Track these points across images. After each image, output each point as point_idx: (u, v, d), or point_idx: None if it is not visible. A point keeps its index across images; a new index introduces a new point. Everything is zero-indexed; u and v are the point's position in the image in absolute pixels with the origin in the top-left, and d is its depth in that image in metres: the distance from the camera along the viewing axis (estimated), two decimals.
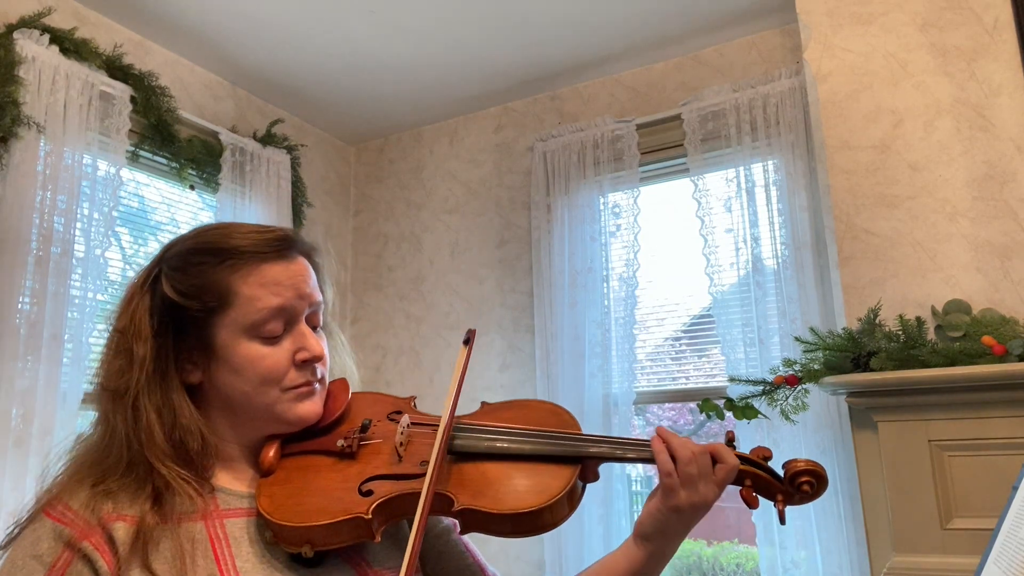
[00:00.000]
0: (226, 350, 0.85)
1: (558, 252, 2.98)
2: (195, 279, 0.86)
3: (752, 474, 0.90)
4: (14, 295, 2.11)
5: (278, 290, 0.86)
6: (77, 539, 0.79)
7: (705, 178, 2.76)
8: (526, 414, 0.97)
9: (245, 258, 0.86)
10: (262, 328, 0.85)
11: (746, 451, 0.92)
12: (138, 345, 0.84)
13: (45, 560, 0.79)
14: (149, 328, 0.85)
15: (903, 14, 2.17)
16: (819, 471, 0.89)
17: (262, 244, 0.87)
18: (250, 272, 0.86)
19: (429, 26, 2.75)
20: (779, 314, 2.51)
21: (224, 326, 0.85)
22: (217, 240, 0.88)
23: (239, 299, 0.85)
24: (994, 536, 1.04)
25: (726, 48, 2.90)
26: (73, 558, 0.78)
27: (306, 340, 0.88)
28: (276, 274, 0.87)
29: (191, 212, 2.91)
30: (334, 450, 0.89)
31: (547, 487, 0.86)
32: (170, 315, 0.86)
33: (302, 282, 0.89)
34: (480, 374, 3.20)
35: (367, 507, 0.83)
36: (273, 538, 0.83)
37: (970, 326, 1.85)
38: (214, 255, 0.86)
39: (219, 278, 0.85)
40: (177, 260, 0.88)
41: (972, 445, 1.75)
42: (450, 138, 3.53)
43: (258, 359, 0.85)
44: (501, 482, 0.87)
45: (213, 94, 3.03)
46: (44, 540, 0.80)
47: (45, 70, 2.24)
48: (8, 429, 2.03)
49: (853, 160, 2.17)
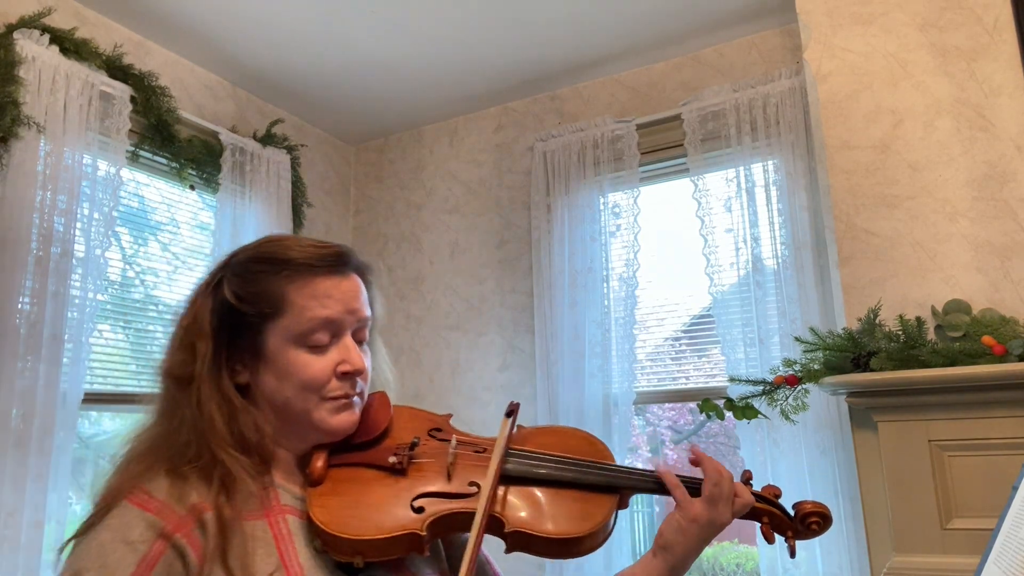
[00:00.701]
0: (274, 355, 0.91)
1: (558, 252, 2.98)
2: (253, 286, 0.92)
3: (769, 512, 1.01)
4: (14, 295, 2.11)
5: (328, 303, 0.91)
6: (170, 531, 0.81)
7: (705, 178, 2.76)
8: (564, 441, 1.03)
9: (300, 270, 0.91)
10: (309, 337, 0.90)
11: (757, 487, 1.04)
12: (200, 341, 0.90)
13: (138, 548, 0.80)
14: (209, 327, 0.91)
15: (903, 14, 2.17)
16: (826, 512, 1.01)
17: (317, 258, 0.92)
18: (304, 284, 0.91)
19: (429, 26, 2.75)
20: (779, 314, 2.51)
21: (275, 332, 0.90)
22: (276, 251, 0.94)
23: (291, 308, 0.90)
24: (994, 536, 1.04)
25: (726, 48, 2.90)
26: (166, 550, 0.80)
27: (349, 353, 0.92)
28: (327, 288, 0.92)
29: (191, 212, 2.91)
30: (384, 465, 0.93)
31: (591, 514, 0.93)
32: (228, 317, 0.92)
33: (352, 298, 0.93)
34: (480, 374, 3.20)
35: (422, 524, 0.87)
36: (323, 547, 0.86)
37: (970, 326, 1.85)
38: (272, 265, 0.92)
39: (275, 287, 0.91)
40: (239, 267, 0.94)
41: (972, 445, 1.75)
42: (450, 138, 3.53)
43: (303, 366, 0.90)
44: (548, 507, 0.93)
45: (213, 94, 3.03)
46: (135, 527, 0.81)
47: (45, 70, 2.24)
48: (8, 429, 2.03)
49: (853, 160, 2.17)
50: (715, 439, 3.61)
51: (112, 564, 0.78)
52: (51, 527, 2.09)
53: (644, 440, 3.42)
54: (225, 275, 0.94)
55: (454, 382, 3.26)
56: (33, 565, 2.03)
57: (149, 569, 0.79)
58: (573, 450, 1.00)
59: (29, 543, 2.02)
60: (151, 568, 0.79)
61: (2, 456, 2.01)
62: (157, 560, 0.79)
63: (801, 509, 1.02)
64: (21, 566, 2.00)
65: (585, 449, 1.02)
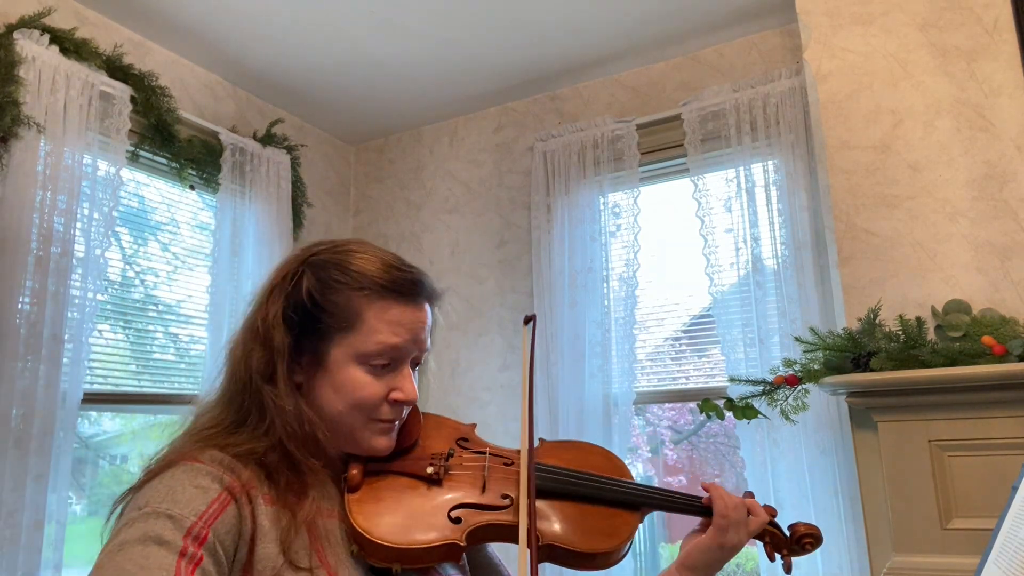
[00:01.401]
0: (335, 367, 0.92)
1: (558, 252, 2.98)
2: (333, 296, 0.92)
3: (770, 532, 1.10)
4: (14, 295, 2.11)
5: (399, 330, 0.92)
6: (236, 490, 0.83)
7: (705, 178, 2.76)
8: (586, 457, 1.09)
9: (380, 292, 0.93)
10: (372, 359, 0.92)
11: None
12: (278, 335, 0.91)
13: (209, 492, 0.81)
14: (285, 323, 0.92)
15: (903, 14, 2.17)
16: (818, 533, 1.10)
17: (403, 285, 0.94)
18: (384, 307, 0.92)
19: (429, 26, 2.75)
20: (779, 314, 2.51)
21: (341, 346, 0.92)
22: (361, 266, 0.94)
23: (363, 327, 0.91)
24: (994, 536, 1.04)
25: (726, 48, 2.90)
26: (231, 503, 0.82)
27: (405, 382, 0.94)
28: (400, 315, 0.93)
29: (191, 212, 2.91)
30: (422, 475, 0.95)
31: (618, 530, 0.99)
32: (301, 316, 0.92)
33: (420, 328, 0.95)
34: (480, 374, 3.20)
35: (461, 534, 0.90)
36: (360, 552, 0.88)
37: (970, 326, 1.85)
38: (354, 278, 0.93)
39: (353, 303, 0.92)
40: (321, 270, 0.94)
41: (972, 445, 1.75)
42: (450, 138, 3.53)
43: (359, 385, 0.91)
44: (579, 522, 0.98)
45: (213, 94, 3.03)
46: (203, 476, 0.83)
47: (45, 70, 2.24)
48: (8, 429, 2.03)
49: (853, 160, 2.17)
50: (715, 439, 3.61)
51: (183, 500, 0.79)
52: (51, 527, 2.09)
53: (644, 440, 3.42)
54: (305, 272, 0.94)
55: (454, 382, 3.26)
56: (33, 565, 2.03)
57: (219, 512, 0.80)
58: (596, 466, 1.06)
59: (29, 543, 2.02)
60: (221, 512, 0.80)
61: (2, 456, 2.01)
62: (225, 508, 0.81)
63: (796, 531, 1.10)
64: (21, 566, 2.00)
65: (606, 466, 1.07)
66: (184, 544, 0.76)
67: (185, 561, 0.75)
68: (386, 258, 0.96)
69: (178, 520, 0.77)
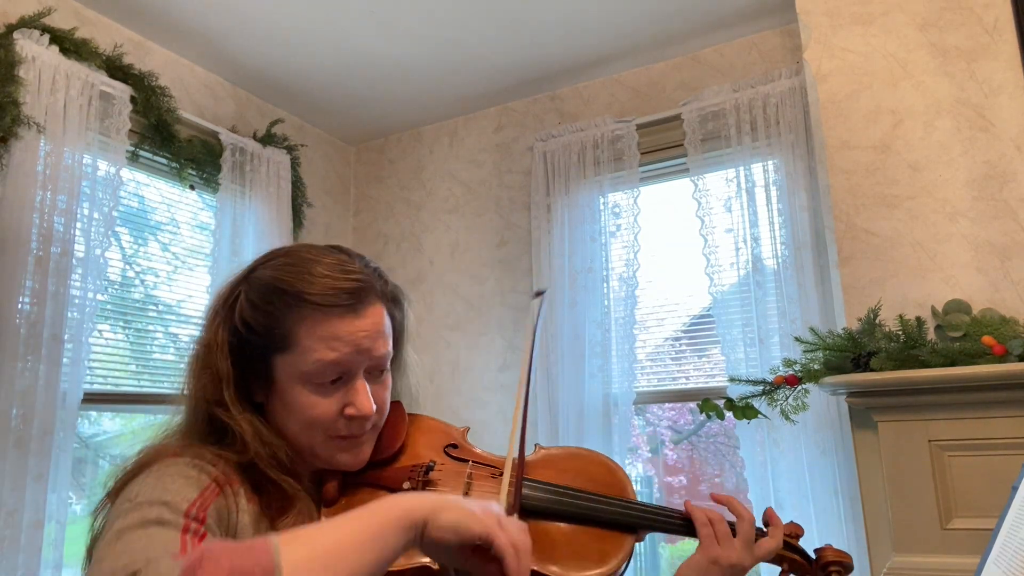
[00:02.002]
0: (283, 388, 0.89)
1: (558, 252, 2.98)
2: (264, 319, 0.89)
3: (790, 559, 1.00)
4: (14, 295, 2.11)
5: (336, 345, 0.87)
6: (221, 480, 0.82)
7: (705, 178, 2.76)
8: (585, 467, 1.00)
9: (313, 310, 0.87)
10: (314, 378, 0.88)
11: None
12: (221, 361, 0.89)
13: (199, 481, 0.79)
14: (227, 346, 0.90)
15: (903, 14, 2.17)
16: (848, 562, 0.99)
17: (333, 296, 0.88)
18: (314, 324, 0.87)
19: (429, 26, 2.75)
20: (779, 314, 2.51)
21: (282, 367, 0.89)
22: (294, 283, 0.89)
23: (298, 348, 0.87)
24: (994, 536, 1.04)
25: (726, 48, 2.90)
26: (220, 492, 0.80)
27: (357, 397, 0.89)
28: (337, 330, 0.87)
29: (191, 212, 2.91)
30: (399, 490, 0.90)
31: (609, 555, 0.90)
32: (240, 340, 0.90)
33: (363, 338, 0.89)
34: (480, 375, 3.20)
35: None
36: None
37: (970, 326, 1.85)
38: (285, 298, 0.88)
39: (285, 323, 0.88)
40: (255, 291, 0.91)
41: (972, 445, 1.75)
42: (450, 138, 3.53)
43: (308, 406, 0.88)
44: (567, 546, 0.90)
45: (213, 94, 3.03)
46: (190, 467, 0.81)
47: (45, 70, 2.24)
48: (8, 429, 2.03)
49: (853, 160, 2.17)
50: (715, 439, 3.61)
51: (174, 489, 0.77)
52: (51, 527, 2.09)
53: (644, 440, 3.42)
54: (241, 291, 0.92)
55: (454, 382, 3.26)
56: (33, 565, 2.03)
57: (212, 498, 0.78)
58: (593, 477, 0.98)
59: (29, 543, 2.02)
60: (213, 498, 0.79)
61: (2, 456, 2.01)
62: (216, 495, 0.79)
63: (823, 557, 1.00)
64: (21, 566, 2.00)
65: (606, 478, 0.99)
66: (185, 522, 0.73)
67: (190, 535, 0.72)
68: (326, 267, 0.90)
69: (173, 505, 0.75)
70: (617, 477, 1.00)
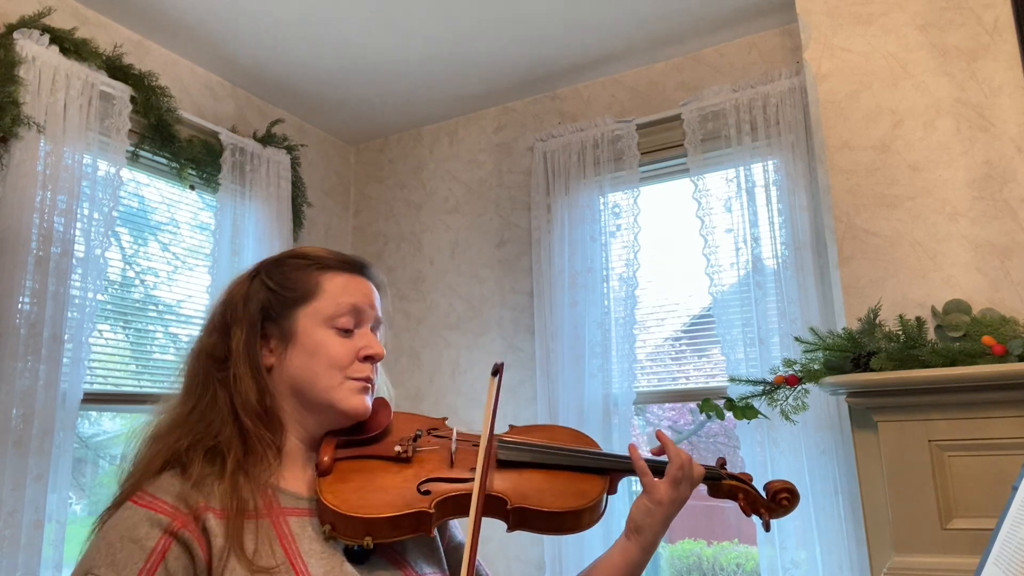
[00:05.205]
0: (304, 335, 1.00)
1: (558, 252, 2.98)
2: (288, 274, 1.03)
3: (743, 490, 1.13)
4: (14, 295, 2.11)
5: (353, 292, 1.03)
6: (176, 527, 0.86)
7: (705, 178, 2.76)
8: (553, 435, 1.13)
9: (330, 265, 1.05)
10: (338, 320, 1.01)
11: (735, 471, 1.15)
12: (235, 324, 1.01)
13: (145, 544, 0.85)
14: (244, 312, 1.01)
15: (903, 14, 2.17)
16: (793, 488, 1.12)
17: (343, 262, 1.06)
18: (334, 275, 1.04)
19: (429, 26, 2.75)
20: (779, 314, 2.51)
21: (306, 315, 1.01)
22: (308, 251, 1.07)
23: (323, 293, 1.02)
24: (994, 536, 1.04)
25: (726, 48, 2.90)
26: (172, 543, 0.85)
27: (371, 340, 1.04)
28: (350, 282, 1.04)
29: (191, 212, 2.91)
30: (390, 455, 1.00)
31: (585, 492, 1.02)
32: (263, 303, 1.02)
33: (371, 295, 1.06)
34: (480, 374, 3.20)
35: (430, 503, 0.93)
36: (332, 531, 0.90)
37: (970, 326, 1.85)
38: (305, 259, 1.05)
39: (308, 275, 1.03)
40: (273, 263, 1.06)
41: (972, 445, 1.75)
42: (450, 138, 3.53)
43: (331, 345, 1.00)
44: (546, 487, 1.02)
45: (213, 94, 3.03)
46: (141, 526, 0.86)
47: (45, 70, 2.24)
48: (8, 429, 2.03)
49: (853, 160, 2.17)
50: (715, 439, 3.61)
51: (121, 561, 0.83)
52: (51, 527, 2.09)
53: (644, 440, 3.42)
54: (261, 270, 1.05)
55: (454, 382, 3.26)
56: (33, 565, 2.03)
57: (157, 563, 0.84)
58: (561, 441, 1.11)
59: (29, 543, 2.02)
60: (159, 562, 0.84)
61: (2, 456, 2.01)
62: (164, 554, 0.84)
63: (771, 488, 1.13)
64: (21, 566, 2.00)
65: (572, 440, 1.12)
66: None
67: None
68: (330, 250, 1.08)
69: None
70: (582, 440, 1.13)
